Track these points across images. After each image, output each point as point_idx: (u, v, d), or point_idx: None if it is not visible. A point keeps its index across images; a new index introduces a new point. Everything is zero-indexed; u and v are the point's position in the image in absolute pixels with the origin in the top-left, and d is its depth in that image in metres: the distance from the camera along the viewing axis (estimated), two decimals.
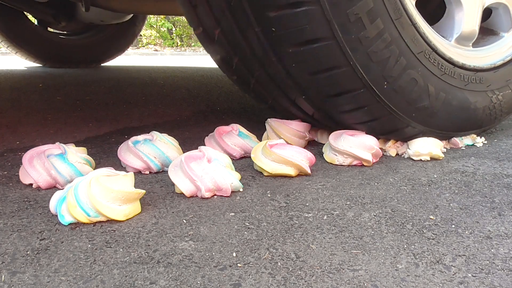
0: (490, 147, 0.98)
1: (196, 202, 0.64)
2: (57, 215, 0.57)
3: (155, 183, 0.73)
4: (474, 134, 1.01)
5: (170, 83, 2.18)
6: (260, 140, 0.93)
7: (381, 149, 0.90)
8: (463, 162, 0.87)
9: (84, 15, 2.44)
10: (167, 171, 0.70)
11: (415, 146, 0.89)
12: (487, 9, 0.96)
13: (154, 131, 0.82)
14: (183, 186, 0.66)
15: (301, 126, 0.93)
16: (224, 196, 0.67)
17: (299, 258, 0.49)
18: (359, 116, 0.85)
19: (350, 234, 0.55)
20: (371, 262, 0.48)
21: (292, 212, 0.61)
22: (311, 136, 0.99)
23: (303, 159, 0.77)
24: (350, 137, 0.83)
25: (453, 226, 0.57)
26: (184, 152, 0.71)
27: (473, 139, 1.00)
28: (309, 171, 0.77)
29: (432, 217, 0.60)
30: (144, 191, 0.60)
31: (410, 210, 0.63)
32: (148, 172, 0.78)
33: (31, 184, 0.70)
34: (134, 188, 0.60)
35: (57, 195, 0.59)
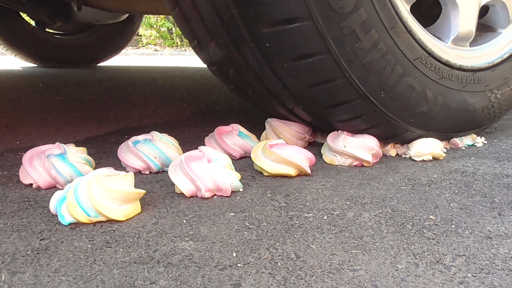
0: (490, 147, 0.98)
1: (196, 202, 0.64)
2: (57, 215, 0.57)
3: (155, 183, 0.73)
4: (474, 134, 1.01)
5: (170, 83, 2.18)
6: (259, 140, 0.93)
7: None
8: (463, 162, 0.87)
9: (80, 15, 2.41)
10: (167, 171, 0.70)
11: (416, 147, 0.88)
12: (484, 6, 0.95)
13: (154, 131, 0.82)
14: (183, 186, 0.66)
15: (301, 128, 0.93)
16: (224, 196, 0.67)
17: (299, 258, 0.49)
18: (357, 124, 0.85)
19: (350, 234, 0.55)
20: (371, 262, 0.48)
21: (292, 212, 0.61)
22: (311, 137, 0.98)
23: (303, 159, 0.77)
24: (350, 137, 0.83)
25: (453, 226, 0.57)
26: (184, 152, 0.71)
27: (473, 139, 1.00)
28: (309, 171, 0.77)
29: (432, 217, 0.60)
30: (144, 191, 0.60)
31: (410, 210, 0.63)
32: (148, 172, 0.78)
33: (31, 184, 0.70)
34: (134, 188, 0.60)
35: (57, 195, 0.59)
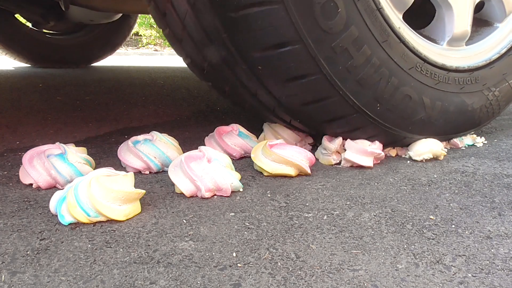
0: (490, 147, 0.98)
1: (196, 202, 0.64)
2: (57, 215, 0.57)
3: (155, 183, 0.73)
4: (474, 133, 1.01)
5: (170, 83, 2.18)
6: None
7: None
8: (463, 162, 0.87)
9: (73, 15, 2.37)
10: (167, 171, 0.70)
11: (415, 147, 0.88)
12: (479, 1, 0.92)
13: (154, 131, 0.82)
14: (183, 186, 0.66)
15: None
16: (224, 196, 0.67)
17: (299, 258, 0.49)
18: (355, 135, 0.85)
19: (350, 234, 0.55)
20: (371, 262, 0.48)
21: (292, 212, 0.61)
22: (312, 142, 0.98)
23: (303, 159, 0.76)
24: (351, 142, 0.83)
25: (453, 226, 0.57)
26: (184, 152, 0.71)
27: (473, 139, 1.00)
28: (309, 171, 0.77)
29: (432, 217, 0.60)
30: (144, 191, 0.60)
31: (410, 210, 0.63)
32: (148, 172, 0.78)
33: (31, 184, 0.70)
34: (134, 188, 0.60)
35: (57, 195, 0.59)
